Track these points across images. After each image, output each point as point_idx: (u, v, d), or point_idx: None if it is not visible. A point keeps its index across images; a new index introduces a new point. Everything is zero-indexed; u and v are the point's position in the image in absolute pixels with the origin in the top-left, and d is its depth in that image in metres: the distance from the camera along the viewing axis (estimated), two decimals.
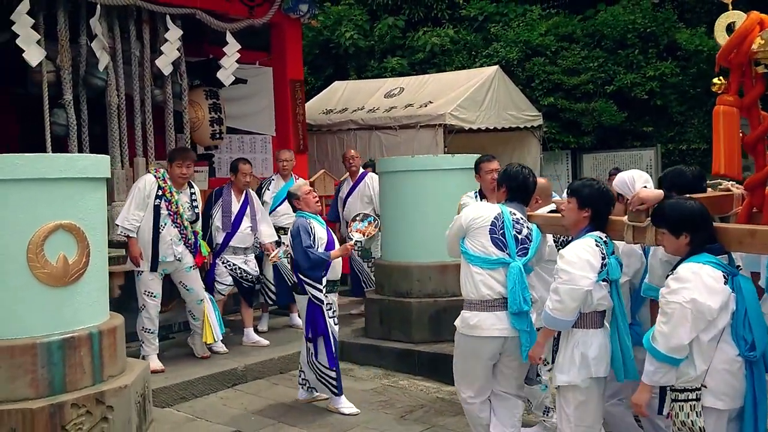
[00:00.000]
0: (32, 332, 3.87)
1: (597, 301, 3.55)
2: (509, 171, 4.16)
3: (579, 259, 3.51)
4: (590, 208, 3.66)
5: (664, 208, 3.29)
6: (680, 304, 3.04)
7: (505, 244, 3.93)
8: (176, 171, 5.94)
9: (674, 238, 3.21)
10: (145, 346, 5.92)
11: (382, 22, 15.06)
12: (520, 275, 3.86)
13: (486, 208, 4.05)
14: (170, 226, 5.88)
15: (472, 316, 3.96)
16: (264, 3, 7.68)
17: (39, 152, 6.43)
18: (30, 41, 5.95)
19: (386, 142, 11.15)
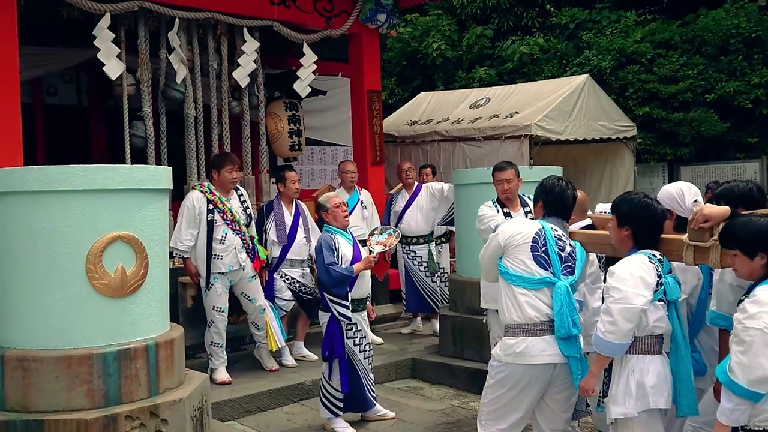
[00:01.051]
0: (89, 342, 3.89)
1: (653, 324, 3.22)
2: (545, 184, 3.82)
3: (631, 275, 3.17)
4: (629, 226, 3.34)
5: (734, 227, 2.98)
6: (761, 330, 2.73)
7: (548, 263, 3.55)
8: (227, 176, 5.84)
9: (748, 260, 2.91)
10: (214, 359, 5.92)
11: (471, 31, 14.83)
12: (568, 296, 3.48)
13: (526, 224, 3.71)
14: (231, 234, 5.84)
15: (519, 342, 3.53)
16: (341, 14, 7.64)
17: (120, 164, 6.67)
18: (110, 55, 6.11)
19: (470, 153, 10.90)
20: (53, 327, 3.87)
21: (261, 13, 7.04)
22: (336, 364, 4.97)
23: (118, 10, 6.15)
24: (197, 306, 6.26)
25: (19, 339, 3.95)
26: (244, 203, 6.12)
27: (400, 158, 11.76)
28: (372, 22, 7.71)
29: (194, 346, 6.32)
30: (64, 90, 8.47)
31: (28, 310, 3.92)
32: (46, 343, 3.87)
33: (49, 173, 3.85)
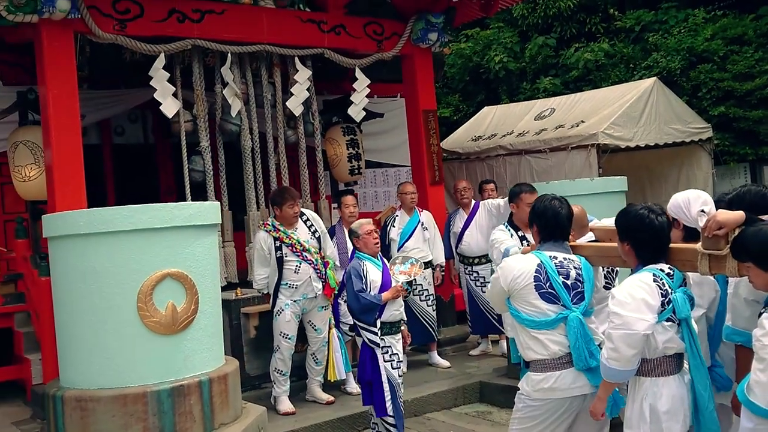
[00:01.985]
0: (144, 380, 3.96)
1: (663, 345, 3.01)
2: (537, 208, 3.59)
3: (632, 298, 2.97)
4: (629, 240, 3.16)
5: (744, 238, 2.77)
6: None
7: (557, 296, 3.35)
8: (288, 212, 5.90)
9: (763, 272, 2.71)
10: (277, 387, 5.92)
11: (533, 42, 14.59)
12: (581, 327, 3.30)
13: (523, 262, 3.45)
14: (305, 264, 5.88)
15: (547, 378, 3.36)
16: (392, 36, 7.60)
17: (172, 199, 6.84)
18: (166, 94, 6.27)
19: (536, 166, 10.66)
20: (108, 366, 3.96)
21: (311, 42, 7.08)
22: (371, 387, 4.95)
23: (172, 50, 6.31)
24: (262, 336, 6.29)
25: (77, 379, 4.05)
26: (312, 227, 6.13)
27: (466, 175, 11.62)
28: (423, 41, 7.65)
29: (260, 376, 6.34)
30: (131, 129, 8.77)
31: (84, 350, 4.02)
32: (102, 383, 3.96)
33: (97, 215, 3.96)
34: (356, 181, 8.59)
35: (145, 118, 8.68)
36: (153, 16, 6.16)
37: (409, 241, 6.94)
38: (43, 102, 5.82)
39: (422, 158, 7.83)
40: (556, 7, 14.27)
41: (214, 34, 6.50)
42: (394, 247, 6.95)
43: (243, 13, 6.67)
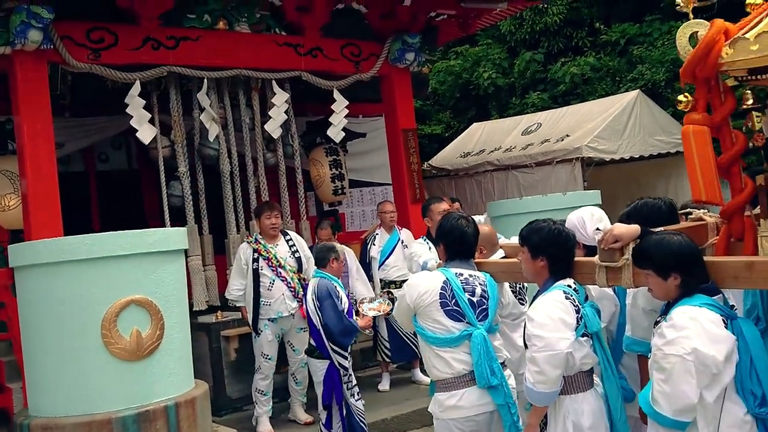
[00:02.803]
0: (108, 407, 3.99)
1: (580, 362, 3.04)
2: (444, 227, 3.60)
3: (551, 319, 2.99)
4: (545, 256, 3.15)
5: (648, 246, 2.78)
6: (681, 357, 2.54)
7: (462, 314, 3.37)
8: (266, 222, 6.04)
9: (662, 281, 2.72)
10: (258, 407, 5.94)
11: (521, 57, 14.69)
12: (485, 344, 3.32)
13: (428, 279, 3.47)
14: (278, 281, 5.94)
15: (451, 397, 3.37)
16: (370, 57, 7.67)
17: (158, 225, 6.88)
18: (142, 121, 6.33)
19: (523, 181, 10.72)
20: (74, 394, 3.99)
21: (288, 65, 7.15)
22: (336, 413, 4.94)
23: (147, 77, 6.38)
24: (243, 359, 6.32)
25: (44, 407, 4.08)
26: (293, 247, 6.20)
27: (455, 191, 11.68)
28: (401, 62, 7.71)
29: (242, 398, 6.37)
30: (115, 156, 8.84)
31: (50, 378, 4.05)
32: (68, 410, 3.99)
33: (60, 245, 4.01)
34: (341, 201, 8.63)
35: (129, 145, 8.75)
36: (127, 44, 6.24)
37: (389, 259, 6.97)
38: (18, 132, 5.89)
39: (403, 177, 7.87)
40: (543, 23, 14.39)
41: (190, 60, 6.57)
42: (375, 265, 6.97)
43: (218, 39, 6.75)
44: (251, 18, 6.96)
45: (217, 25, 6.74)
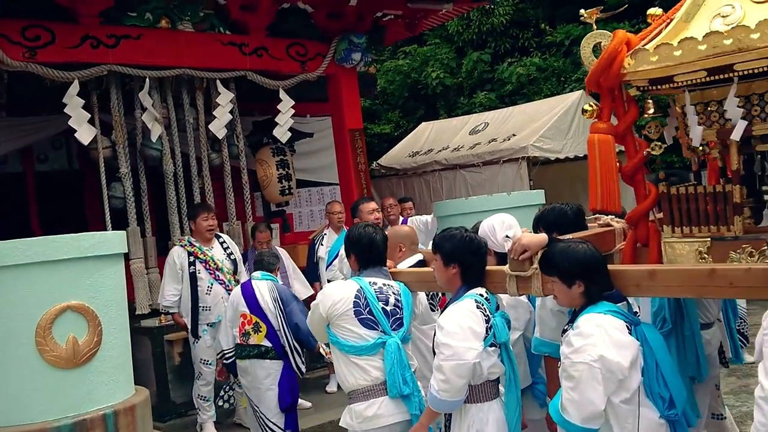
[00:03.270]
0: (44, 417, 3.85)
1: (488, 371, 3.03)
2: (352, 237, 3.56)
3: (460, 328, 2.97)
4: (457, 264, 3.14)
5: (553, 254, 2.81)
6: (588, 364, 2.57)
7: (376, 322, 3.32)
8: (203, 224, 5.94)
9: (567, 288, 2.76)
10: (201, 413, 5.87)
11: (468, 57, 14.84)
12: (399, 353, 3.27)
13: (343, 288, 3.41)
14: (216, 284, 5.87)
15: (369, 406, 3.28)
16: (316, 56, 7.65)
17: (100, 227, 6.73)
18: (81, 121, 6.18)
19: (471, 180, 10.81)
20: (6, 403, 3.85)
21: (233, 65, 7.08)
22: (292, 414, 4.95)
23: (86, 76, 6.24)
24: (186, 363, 6.23)
25: None
26: (228, 249, 6.14)
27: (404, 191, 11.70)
28: (347, 62, 7.71)
29: (185, 403, 6.28)
30: (55, 156, 8.60)
31: None
32: (1, 421, 3.84)
33: None
34: (288, 201, 8.58)
35: (69, 145, 8.52)
36: (65, 42, 6.09)
37: (336, 260, 6.94)
38: None
39: (350, 177, 7.88)
40: (490, 23, 14.57)
41: (131, 59, 6.45)
42: (323, 266, 6.94)
43: (161, 38, 6.64)
44: (195, 17, 6.86)
45: (159, 24, 6.63)
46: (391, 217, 7.51)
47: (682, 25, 2.92)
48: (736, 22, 2.73)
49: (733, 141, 2.87)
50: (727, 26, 2.72)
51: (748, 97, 2.87)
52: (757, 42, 2.58)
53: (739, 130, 2.82)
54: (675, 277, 2.65)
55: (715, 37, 2.68)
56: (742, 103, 2.87)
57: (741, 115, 2.84)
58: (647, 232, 3.18)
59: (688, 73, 2.79)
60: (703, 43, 2.70)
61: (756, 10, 2.73)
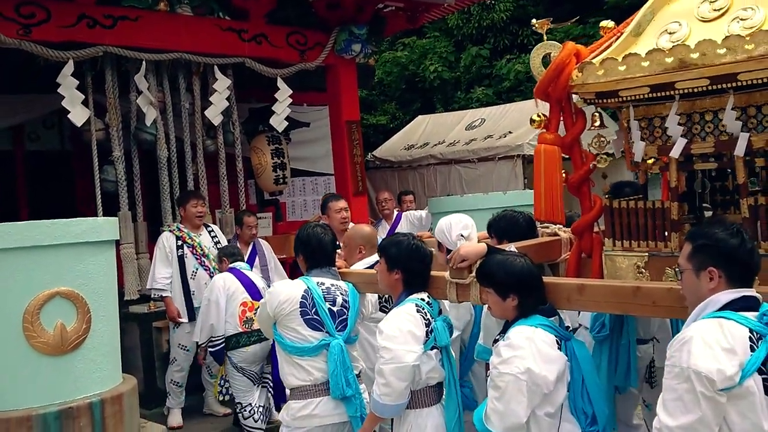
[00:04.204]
0: (29, 403, 3.82)
1: (426, 375, 3.07)
2: (301, 237, 3.61)
3: (400, 331, 3.01)
4: (400, 269, 3.18)
5: (490, 266, 2.85)
6: (515, 375, 2.61)
7: (321, 323, 3.37)
8: (192, 211, 6.02)
9: (501, 300, 2.80)
10: (171, 398, 5.82)
11: (467, 52, 14.75)
12: (341, 354, 3.32)
13: (290, 288, 3.46)
14: (201, 270, 5.90)
15: (307, 404, 3.34)
16: (315, 46, 7.55)
17: (90, 210, 6.63)
18: (75, 102, 6.07)
19: (466, 176, 10.78)
20: None
21: (232, 51, 6.97)
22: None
23: (81, 56, 6.11)
24: None
25: None
26: (215, 238, 6.21)
27: (398, 183, 11.66)
28: (347, 52, 7.62)
29: None
30: (47, 135, 8.48)
31: None
32: None
33: None
34: (282, 190, 8.49)
35: (61, 125, 8.40)
36: (61, 21, 5.97)
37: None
38: None
39: (345, 169, 7.80)
40: (490, 19, 14.47)
41: (128, 40, 6.33)
42: None
43: (159, 20, 6.52)
44: (194, 0, 6.74)
45: (158, 6, 6.51)
46: (386, 212, 7.47)
47: (631, 39, 2.94)
48: (681, 39, 2.74)
49: (672, 158, 2.89)
50: (672, 43, 2.75)
51: (690, 115, 2.86)
52: (696, 61, 2.59)
53: (678, 147, 2.82)
54: (602, 293, 2.69)
55: (657, 55, 2.68)
56: (684, 121, 2.88)
57: (681, 132, 2.85)
58: (591, 244, 3.23)
59: (631, 88, 2.80)
60: (646, 60, 2.71)
61: (702, 29, 2.73)
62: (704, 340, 2.10)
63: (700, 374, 2.05)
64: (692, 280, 2.28)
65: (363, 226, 4.37)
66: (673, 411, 2.11)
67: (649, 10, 2.96)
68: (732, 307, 2.18)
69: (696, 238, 2.31)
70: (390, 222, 7.42)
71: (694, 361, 2.07)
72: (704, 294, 2.25)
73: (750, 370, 2.07)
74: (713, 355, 2.06)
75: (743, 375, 2.06)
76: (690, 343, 2.11)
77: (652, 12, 2.95)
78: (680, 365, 2.10)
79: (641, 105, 2.97)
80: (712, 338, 2.10)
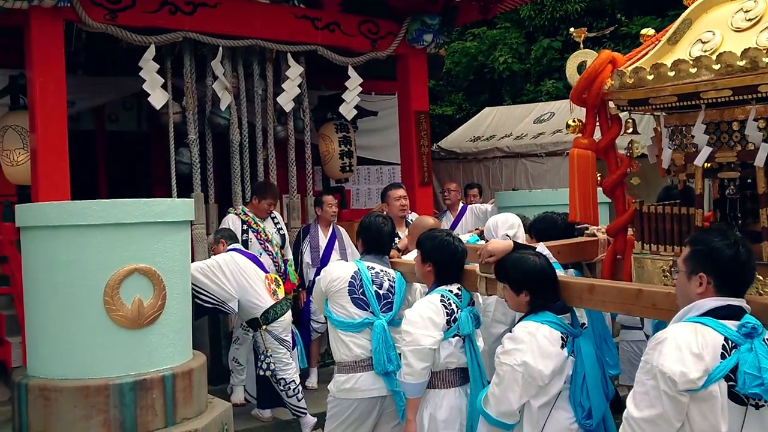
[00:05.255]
0: (107, 373, 4.00)
1: (445, 359, 3.38)
2: (364, 223, 3.98)
3: (421, 317, 3.35)
4: (431, 262, 3.51)
5: (506, 263, 3.12)
6: (512, 366, 2.88)
7: (366, 303, 3.72)
8: (264, 206, 6.20)
9: (515, 295, 3.06)
10: (234, 376, 5.96)
11: (538, 44, 14.55)
12: (384, 333, 3.64)
13: (342, 268, 3.84)
14: (264, 254, 6.04)
15: (349, 378, 3.71)
16: (387, 35, 7.59)
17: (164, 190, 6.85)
18: (155, 86, 6.29)
19: (532, 170, 10.68)
20: (72, 357, 4.01)
21: (305, 38, 7.08)
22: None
23: (162, 41, 6.32)
24: None
25: (42, 369, 4.10)
26: (278, 225, 6.40)
27: (462, 175, 11.63)
28: (418, 42, 7.63)
29: None
30: (126, 116, 8.80)
31: (49, 340, 4.07)
32: (66, 373, 4.00)
33: (68, 208, 4.00)
34: (347, 178, 8.60)
35: (140, 107, 8.70)
36: (145, 6, 6.17)
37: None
38: (30, 88, 5.86)
39: (412, 159, 7.83)
40: (563, 10, 14.23)
41: (207, 27, 6.50)
42: None
43: (236, 8, 6.67)
44: None
45: None
46: (448, 202, 7.48)
47: (667, 47, 3.03)
48: (713, 48, 2.79)
49: (697, 166, 2.93)
50: (703, 53, 2.80)
51: (718, 124, 2.89)
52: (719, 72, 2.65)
53: (703, 156, 2.88)
54: (609, 294, 2.90)
55: (683, 65, 2.76)
56: (712, 130, 2.90)
57: (707, 141, 2.89)
58: (624, 245, 3.41)
59: (660, 97, 2.88)
60: (672, 70, 2.79)
61: (734, 38, 2.77)
62: (676, 342, 2.23)
63: (664, 374, 2.21)
64: (684, 282, 2.42)
65: (427, 217, 4.64)
66: (639, 403, 2.28)
67: (687, 18, 3.03)
68: (714, 314, 2.29)
69: (694, 243, 2.42)
70: (455, 213, 7.45)
71: (662, 361, 2.22)
72: (692, 297, 2.37)
73: (716, 377, 2.20)
74: (680, 358, 2.21)
75: (708, 380, 2.20)
76: (663, 344, 2.25)
77: (689, 20, 3.04)
78: (651, 362, 2.26)
79: (671, 113, 3.05)
80: (683, 341, 2.23)
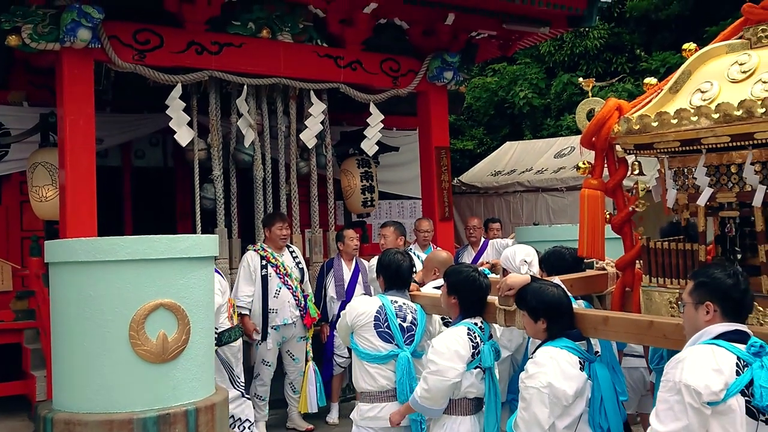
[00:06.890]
0: (130, 407, 4.02)
1: (465, 389, 3.54)
2: (383, 261, 4.17)
3: (447, 349, 3.50)
4: (457, 296, 3.66)
5: (526, 292, 3.29)
6: (537, 389, 3.02)
7: (391, 336, 3.89)
8: (277, 233, 6.22)
9: (533, 322, 3.23)
10: (256, 411, 5.99)
11: (558, 79, 14.65)
12: (408, 365, 3.82)
13: (367, 303, 4.01)
14: (284, 289, 6.09)
15: (372, 408, 3.87)
16: (408, 73, 7.71)
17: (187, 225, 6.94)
18: (181, 123, 6.43)
19: (553, 204, 10.68)
20: (97, 391, 4.04)
21: (328, 77, 7.21)
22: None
23: (189, 80, 6.48)
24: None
25: (67, 402, 4.14)
26: (296, 259, 6.41)
27: (483, 209, 11.66)
28: (439, 79, 7.74)
29: None
30: (151, 153, 8.98)
31: (75, 374, 4.11)
32: (91, 407, 4.04)
33: (96, 245, 4.07)
34: (369, 212, 8.67)
35: (166, 142, 8.87)
36: (172, 47, 6.35)
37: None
38: (60, 125, 6.03)
39: (433, 194, 7.89)
40: (583, 46, 14.35)
41: (232, 66, 6.66)
42: None
43: (261, 47, 6.83)
44: (294, 28, 7.03)
45: (261, 34, 6.83)
46: (472, 239, 7.51)
47: (668, 96, 3.25)
48: (711, 98, 3.03)
49: (700, 206, 3.13)
50: (702, 102, 3.03)
51: (718, 167, 3.12)
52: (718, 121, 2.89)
53: (705, 196, 3.09)
54: (623, 325, 3.13)
55: (685, 113, 3.00)
56: (712, 172, 3.12)
57: (708, 182, 3.09)
58: (633, 278, 3.61)
59: (663, 142, 3.11)
60: (675, 118, 3.02)
61: (730, 89, 3.01)
62: (696, 360, 2.44)
63: (689, 387, 2.39)
64: (691, 313, 2.62)
65: (441, 251, 4.89)
66: (663, 419, 2.45)
67: (687, 69, 3.24)
68: (724, 338, 2.50)
69: (697, 276, 2.66)
70: (476, 249, 7.48)
71: (685, 376, 2.41)
72: (701, 325, 2.58)
73: (734, 391, 2.38)
74: (702, 373, 2.40)
75: (728, 394, 2.38)
76: (683, 362, 2.46)
77: (689, 71, 3.24)
78: (673, 380, 2.44)
79: (674, 156, 3.28)
80: (703, 359, 2.44)
